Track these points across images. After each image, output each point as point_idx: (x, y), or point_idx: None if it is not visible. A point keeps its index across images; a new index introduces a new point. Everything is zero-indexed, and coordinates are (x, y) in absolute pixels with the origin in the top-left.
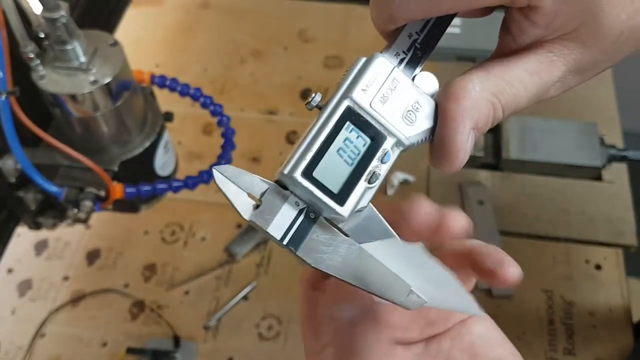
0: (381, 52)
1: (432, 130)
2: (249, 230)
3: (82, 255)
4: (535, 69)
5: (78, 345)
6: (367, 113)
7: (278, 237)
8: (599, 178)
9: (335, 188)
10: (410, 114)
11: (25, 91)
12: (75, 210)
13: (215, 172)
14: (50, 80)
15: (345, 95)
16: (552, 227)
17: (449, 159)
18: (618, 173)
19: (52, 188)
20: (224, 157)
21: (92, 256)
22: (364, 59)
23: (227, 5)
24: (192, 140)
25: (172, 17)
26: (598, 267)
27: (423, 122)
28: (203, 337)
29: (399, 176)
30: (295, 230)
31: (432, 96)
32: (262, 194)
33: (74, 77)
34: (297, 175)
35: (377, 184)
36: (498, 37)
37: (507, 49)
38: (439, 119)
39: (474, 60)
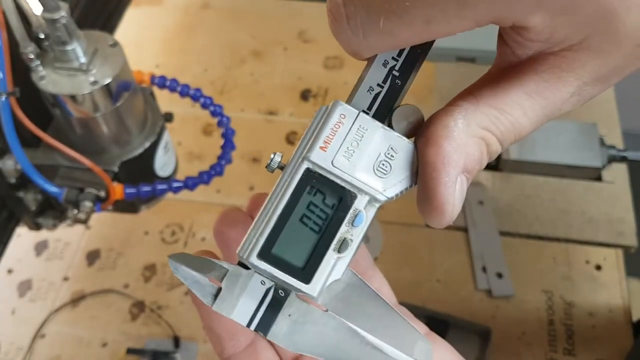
0: (349, 95)
1: (414, 177)
2: None
3: (82, 255)
4: (536, 89)
5: (78, 346)
6: (330, 172)
7: (244, 324)
8: (598, 178)
9: (299, 262)
10: (383, 165)
11: (25, 92)
12: (75, 211)
13: (170, 262)
14: (50, 80)
15: (302, 157)
16: (552, 228)
17: (434, 214)
18: (618, 173)
19: (52, 188)
20: (224, 158)
21: (92, 256)
22: (323, 109)
23: (227, 6)
24: (192, 140)
25: (172, 18)
26: (598, 267)
27: (400, 172)
28: (203, 338)
29: None
30: (264, 313)
31: (415, 133)
32: (222, 278)
33: (74, 78)
34: (253, 258)
35: (350, 252)
36: (496, 48)
37: (507, 62)
38: (419, 166)
39: (473, 60)
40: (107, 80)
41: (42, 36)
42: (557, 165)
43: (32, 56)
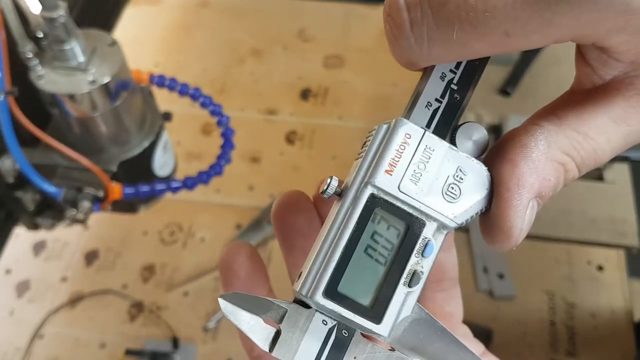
0: (406, 111)
1: (486, 201)
2: (249, 230)
3: (80, 256)
4: (622, 115)
5: (76, 347)
6: (397, 198)
7: None
8: (600, 178)
9: (367, 300)
10: (452, 188)
11: (24, 91)
12: (74, 211)
13: (221, 302)
14: (48, 80)
15: (366, 182)
16: (553, 228)
17: (499, 237)
18: (620, 173)
19: (51, 188)
20: (223, 157)
21: (91, 257)
22: (384, 128)
23: (227, 4)
24: (191, 140)
25: (171, 16)
26: (600, 268)
27: (470, 196)
28: (202, 339)
29: None
30: (327, 356)
31: (480, 155)
32: (281, 319)
33: (73, 77)
34: (318, 297)
35: (420, 285)
36: (575, 66)
37: (591, 83)
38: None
39: None
40: (106, 80)
41: (40, 35)
42: None
43: (30, 55)
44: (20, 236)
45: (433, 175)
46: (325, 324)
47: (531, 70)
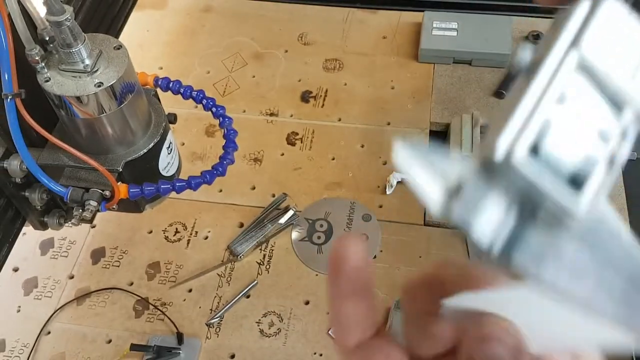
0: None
1: None
2: (251, 229)
3: (87, 253)
4: None
5: (83, 342)
6: (598, 77)
7: (485, 241)
8: None
9: (565, 174)
10: None
11: (31, 93)
12: (81, 210)
13: (395, 152)
14: (55, 82)
15: (571, 49)
16: None
17: None
18: None
19: (58, 188)
20: (226, 158)
21: (97, 255)
22: (588, 2)
23: (229, 9)
24: (195, 141)
25: (175, 21)
26: None
27: None
28: (206, 334)
29: (397, 175)
30: (508, 233)
31: None
32: (460, 182)
33: (79, 80)
34: (517, 159)
35: (617, 169)
36: None
37: None
38: None
39: (470, 62)
40: (112, 82)
41: (47, 38)
42: None
43: (37, 58)
44: (27, 234)
45: (636, 61)
46: (507, 196)
47: None
